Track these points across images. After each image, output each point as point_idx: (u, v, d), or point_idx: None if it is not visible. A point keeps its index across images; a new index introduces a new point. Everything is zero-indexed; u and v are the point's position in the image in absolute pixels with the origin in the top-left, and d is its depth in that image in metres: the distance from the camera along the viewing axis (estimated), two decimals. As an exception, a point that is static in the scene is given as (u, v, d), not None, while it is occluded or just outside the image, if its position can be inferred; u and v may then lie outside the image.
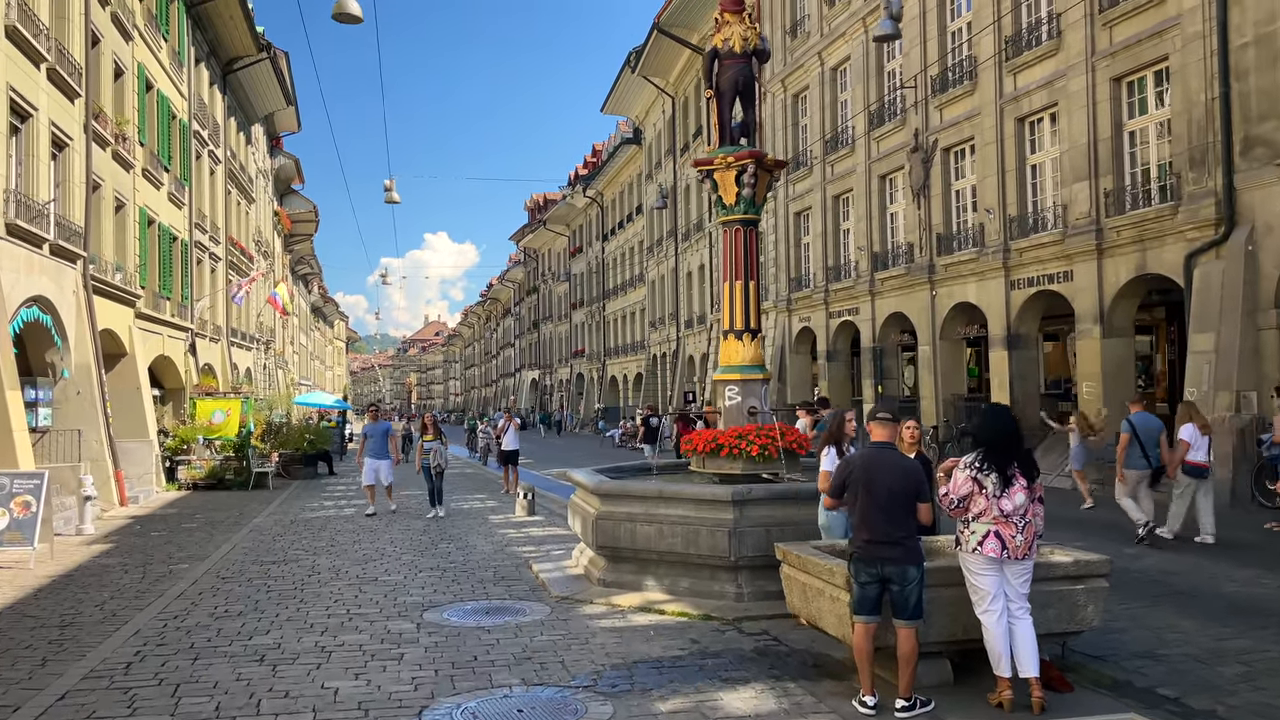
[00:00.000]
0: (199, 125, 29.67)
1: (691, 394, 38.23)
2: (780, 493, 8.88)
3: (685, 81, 38.96)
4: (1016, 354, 18.90)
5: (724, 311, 10.67)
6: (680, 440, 27.71)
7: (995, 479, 5.72)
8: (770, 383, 10.78)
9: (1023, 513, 5.64)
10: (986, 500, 5.70)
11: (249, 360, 39.06)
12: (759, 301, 10.68)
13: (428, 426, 17.03)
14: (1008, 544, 5.61)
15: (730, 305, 10.53)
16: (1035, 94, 18.21)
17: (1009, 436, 5.88)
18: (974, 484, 5.75)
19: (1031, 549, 5.68)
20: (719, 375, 10.61)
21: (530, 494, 16.34)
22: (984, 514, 5.69)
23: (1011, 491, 5.67)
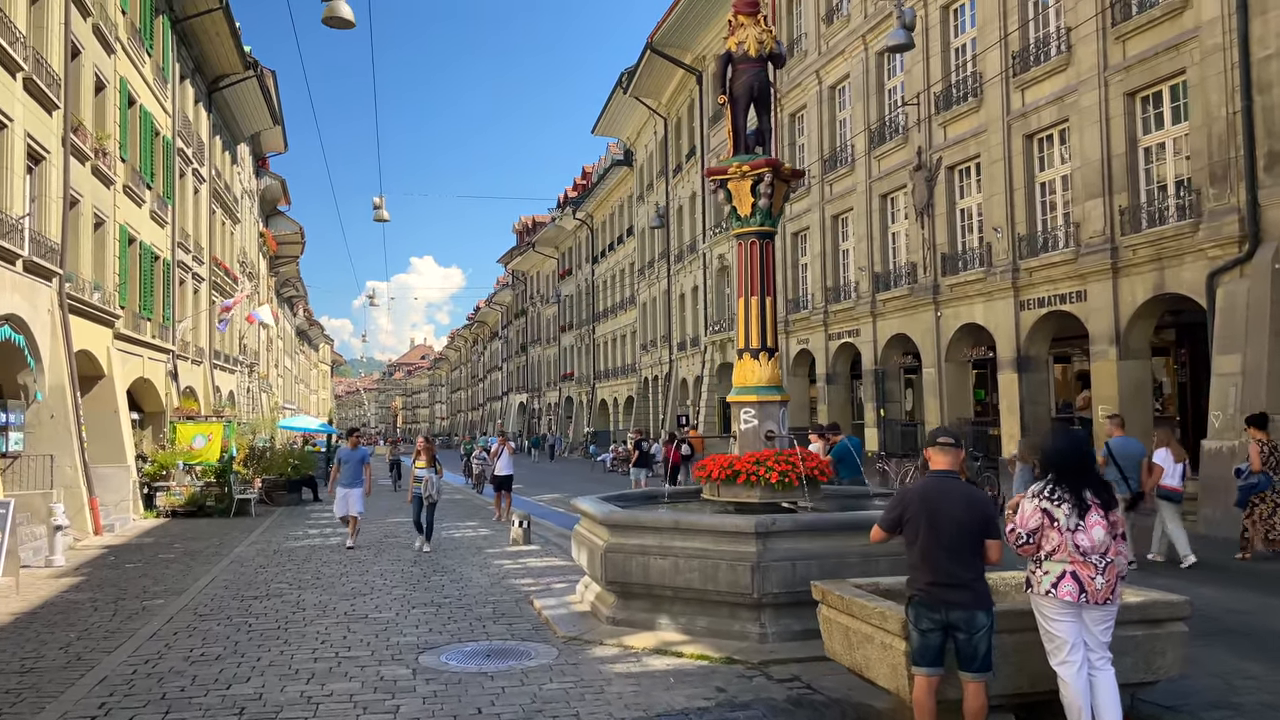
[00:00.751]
0: (183, 143, 29.01)
1: (685, 417, 37.60)
2: (808, 524, 8.23)
3: (678, 102, 38.60)
4: (1027, 376, 18.36)
5: (739, 329, 10.06)
6: (671, 464, 27.69)
7: (1068, 509, 5.10)
8: (789, 405, 10.15)
9: (1103, 551, 5.00)
10: (1060, 535, 5.07)
11: (232, 383, 38.21)
12: (776, 318, 10.08)
13: (421, 453, 15.22)
14: (1086, 586, 4.97)
15: (745, 322, 9.93)
16: (1044, 110, 17.78)
17: (1081, 460, 5.26)
18: (1044, 516, 5.12)
19: (1114, 592, 5.03)
20: (734, 397, 9.99)
21: (525, 522, 15.62)
22: (1058, 551, 5.06)
23: (1088, 524, 5.05)
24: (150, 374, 24.92)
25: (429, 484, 14.53)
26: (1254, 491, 10.99)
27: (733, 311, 33.19)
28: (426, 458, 14.95)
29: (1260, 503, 10.99)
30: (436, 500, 14.70)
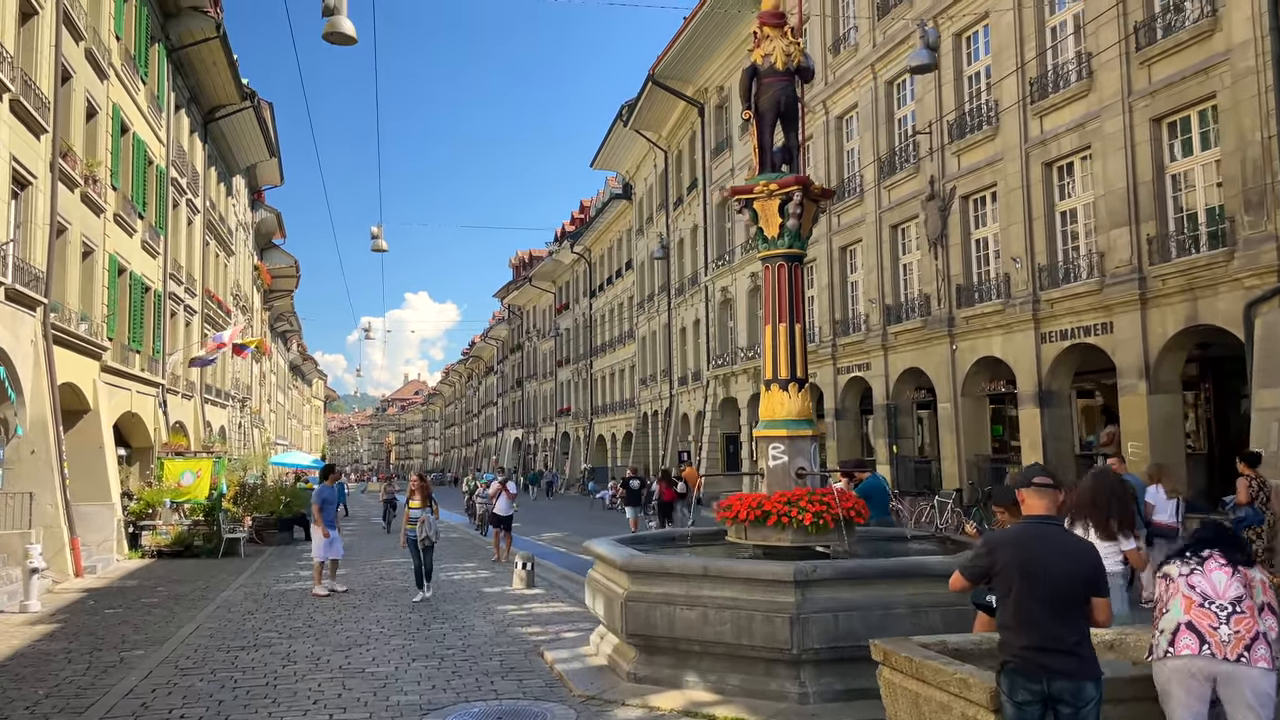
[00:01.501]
0: (177, 173, 28.46)
1: (686, 453, 36.83)
2: (851, 571, 7.51)
3: (679, 135, 38.25)
4: (1049, 411, 17.69)
5: (765, 358, 9.38)
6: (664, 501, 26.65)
7: (1182, 560, 4.45)
8: (818, 440, 9.45)
9: (1236, 599, 4.30)
10: (1172, 582, 4.42)
11: (223, 418, 37.39)
12: (805, 347, 9.41)
13: (415, 492, 13.84)
14: (1208, 638, 4.26)
15: (773, 351, 9.26)
16: (1065, 137, 17.28)
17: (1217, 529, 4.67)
18: (1163, 580, 4.49)
19: (1256, 652, 4.26)
20: (761, 431, 9.29)
21: (529, 564, 14.84)
22: (1171, 599, 4.39)
23: (1207, 569, 4.38)
24: (139, 408, 24.15)
25: (425, 525, 13.31)
26: (1243, 526, 10.84)
27: (736, 345, 32.91)
28: (421, 496, 13.67)
29: (1256, 539, 10.84)
30: (434, 541, 13.46)
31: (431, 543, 13.40)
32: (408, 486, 14.51)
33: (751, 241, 8.72)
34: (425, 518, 13.36)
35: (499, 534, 18.70)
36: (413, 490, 13.97)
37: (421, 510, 13.49)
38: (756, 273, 29.39)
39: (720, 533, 10.17)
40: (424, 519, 13.35)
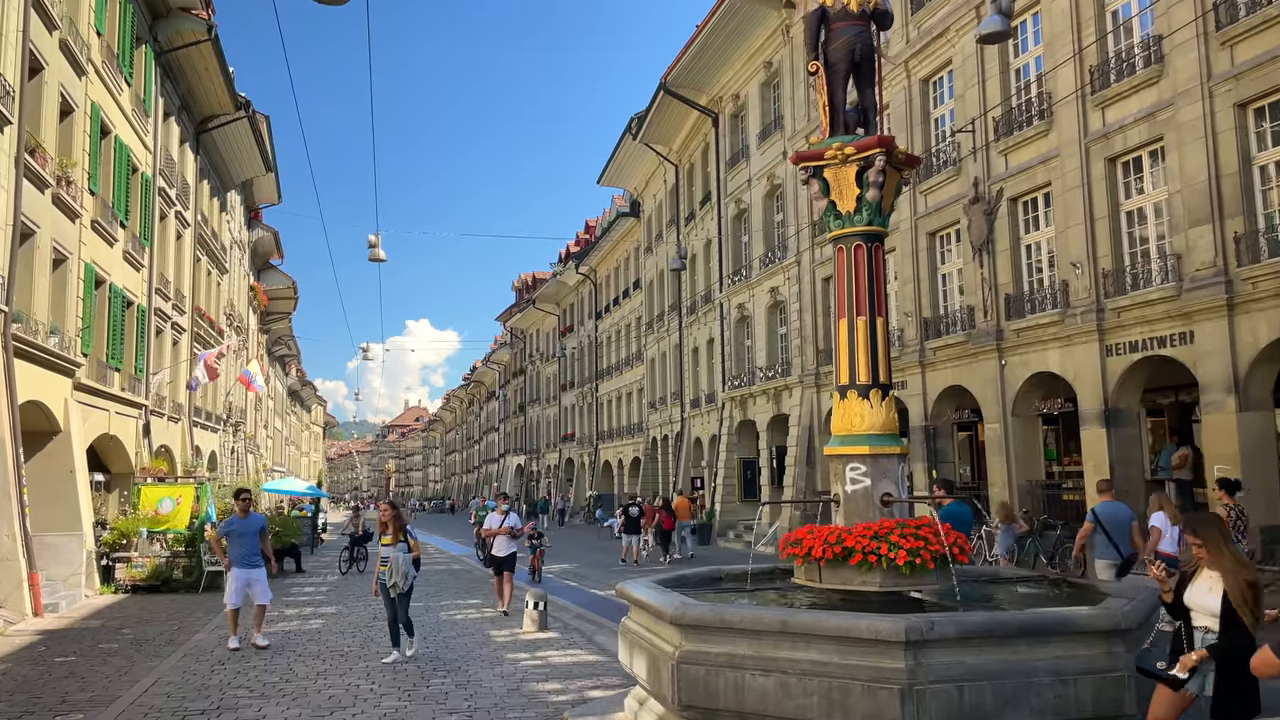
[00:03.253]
0: (165, 183, 26.95)
1: (699, 480, 35.09)
2: (982, 627, 5.79)
3: (691, 148, 36.78)
4: (1116, 431, 15.97)
5: (838, 360, 7.72)
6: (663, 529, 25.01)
7: None
8: (906, 459, 7.77)
9: None
10: None
11: (214, 443, 35.67)
12: (889, 346, 7.75)
13: (387, 525, 11.06)
14: None
15: (849, 352, 7.60)
16: (1131, 129, 15.69)
17: None
18: None
19: None
20: (834, 449, 7.61)
21: (541, 603, 13.10)
22: None
23: None
24: (118, 430, 22.46)
25: (395, 567, 10.57)
26: None
27: (754, 365, 31.16)
28: (393, 530, 10.90)
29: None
30: (406, 587, 10.72)
31: (403, 589, 10.67)
32: (380, 516, 11.66)
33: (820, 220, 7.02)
34: (397, 557, 10.65)
35: (500, 579, 14.99)
36: (383, 523, 11.18)
37: (394, 548, 10.75)
38: (777, 287, 27.81)
39: (782, 572, 8.46)
40: (395, 559, 10.64)
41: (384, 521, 11.14)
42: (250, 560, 11.62)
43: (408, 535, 10.93)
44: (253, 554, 11.67)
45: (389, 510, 11.27)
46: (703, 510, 33.37)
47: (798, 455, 25.88)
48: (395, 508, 11.42)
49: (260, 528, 11.90)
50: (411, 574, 10.77)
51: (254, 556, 11.68)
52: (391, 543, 10.83)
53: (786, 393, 27.33)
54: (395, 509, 11.34)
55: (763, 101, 29.78)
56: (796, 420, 26.30)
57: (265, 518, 12.69)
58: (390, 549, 10.77)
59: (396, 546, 10.75)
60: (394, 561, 10.62)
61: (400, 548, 10.74)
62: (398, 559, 10.64)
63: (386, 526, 11.04)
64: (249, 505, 12.03)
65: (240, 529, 11.74)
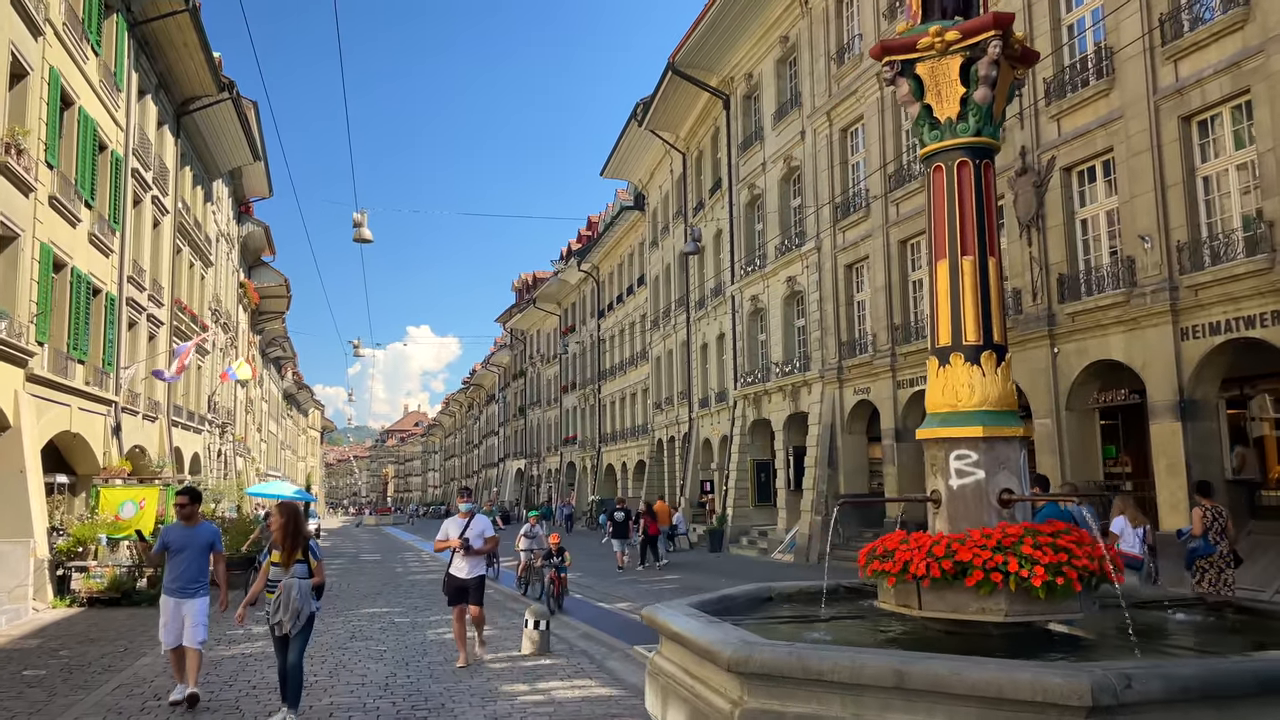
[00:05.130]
0: (140, 164, 25.14)
1: (709, 483, 33.23)
2: (1207, 681, 3.94)
3: (699, 134, 34.98)
4: (1193, 426, 14.12)
5: (939, 315, 5.88)
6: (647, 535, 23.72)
7: None
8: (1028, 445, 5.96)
9: None
10: None
11: (198, 444, 33.83)
12: (1003, 296, 5.92)
13: (282, 539, 7.76)
14: None
15: (953, 303, 5.77)
16: (1210, 82, 13.88)
17: None
18: None
19: None
20: (929, 431, 5.78)
21: (543, 623, 11.26)
22: None
23: None
24: (82, 428, 20.63)
25: (285, 599, 7.48)
26: (1195, 557, 10.61)
27: (769, 360, 29.20)
28: (285, 546, 7.68)
29: (1208, 568, 10.51)
30: (295, 629, 7.52)
31: (289, 630, 7.49)
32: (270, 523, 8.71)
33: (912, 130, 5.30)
34: (290, 585, 7.53)
35: (458, 619, 10.59)
36: (276, 539, 7.82)
37: (285, 570, 7.63)
38: (794, 276, 26.00)
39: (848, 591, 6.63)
40: (287, 587, 7.52)
41: (280, 536, 7.74)
42: (188, 586, 8.35)
43: (309, 554, 7.70)
44: (194, 578, 8.39)
45: (279, 517, 7.82)
46: (712, 515, 31.55)
47: (818, 456, 24.02)
48: (290, 514, 7.88)
49: (210, 542, 8.61)
50: (309, 609, 7.60)
51: (194, 582, 8.39)
52: (283, 563, 7.63)
53: (805, 389, 25.48)
54: (290, 516, 7.84)
55: (778, 79, 27.99)
56: (817, 418, 24.45)
57: (218, 529, 9.11)
58: (281, 571, 7.64)
59: (291, 569, 7.58)
60: (285, 591, 7.48)
61: (297, 571, 7.58)
62: (291, 588, 7.49)
63: (282, 541, 7.71)
64: (196, 510, 8.57)
65: (180, 542, 8.42)
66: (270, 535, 8.04)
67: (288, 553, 7.65)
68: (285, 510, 7.96)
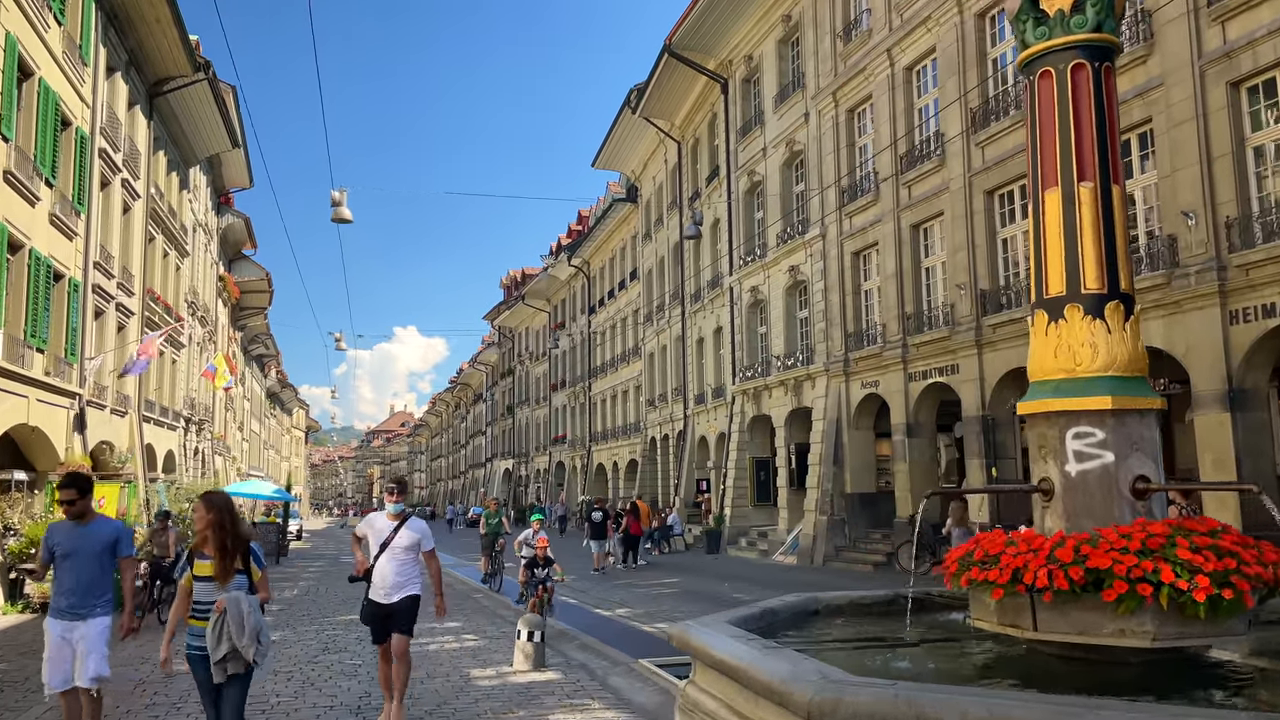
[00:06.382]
0: (109, 145, 23.79)
1: (705, 482, 32.05)
2: None
3: (695, 121, 33.80)
4: (1243, 417, 13.02)
5: (1046, 256, 4.70)
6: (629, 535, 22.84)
7: None
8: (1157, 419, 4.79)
9: None
10: None
11: (172, 442, 32.45)
12: (1126, 233, 4.74)
13: (203, 544, 5.55)
14: None
15: (1068, 240, 4.59)
16: (1262, 45, 12.72)
17: None
18: None
19: None
20: (1036, 403, 4.60)
21: (538, 634, 10.04)
22: None
23: None
24: (41, 421, 19.30)
25: (222, 626, 5.34)
26: None
27: (769, 353, 28.02)
28: (218, 554, 5.52)
29: None
30: (259, 658, 5.50)
31: (260, 657, 5.50)
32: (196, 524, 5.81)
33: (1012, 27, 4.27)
34: (234, 602, 5.40)
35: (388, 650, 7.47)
36: (200, 540, 5.62)
37: (223, 587, 5.48)
38: (797, 266, 24.85)
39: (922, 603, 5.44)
40: (229, 607, 5.38)
41: (202, 536, 5.56)
42: (81, 604, 6.10)
43: (250, 563, 5.62)
44: (87, 593, 6.10)
45: (206, 512, 5.55)
46: (709, 515, 30.39)
47: (823, 453, 22.86)
48: (221, 509, 5.60)
49: (110, 543, 6.16)
50: (262, 636, 5.50)
51: (89, 598, 6.10)
52: (217, 576, 5.48)
53: (809, 383, 24.32)
54: (221, 510, 5.58)
55: (780, 60, 26.85)
56: (821, 414, 23.28)
57: (124, 527, 6.51)
58: (213, 587, 5.48)
59: (228, 584, 5.47)
60: (226, 611, 5.35)
61: (236, 585, 5.49)
62: (238, 604, 5.38)
63: (205, 545, 5.55)
64: (88, 504, 6.22)
65: (68, 545, 6.12)
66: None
67: (222, 561, 5.46)
68: (214, 503, 5.61)
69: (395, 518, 7.50)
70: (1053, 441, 4.44)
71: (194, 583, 5.58)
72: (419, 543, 7.42)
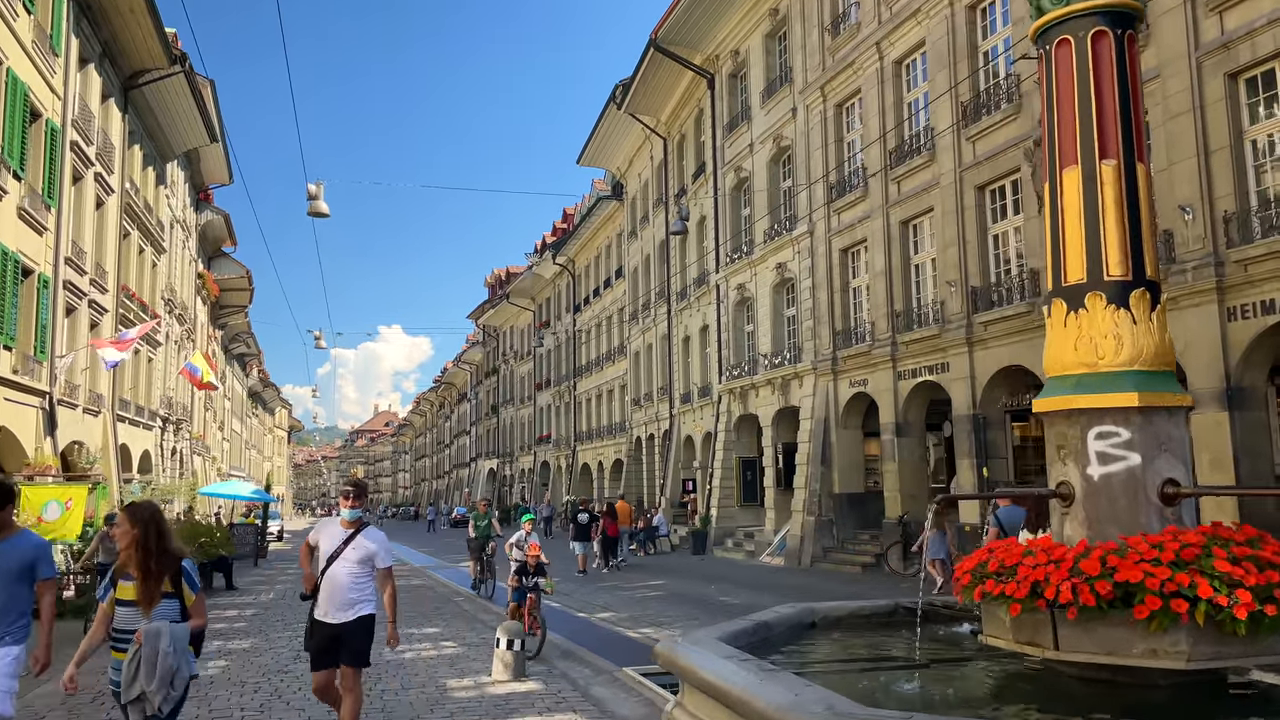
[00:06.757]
0: (81, 138, 23.23)
1: (691, 482, 31.68)
2: None
3: (682, 117, 33.43)
4: (1241, 416, 12.74)
5: (1064, 240, 4.34)
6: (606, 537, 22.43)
7: None
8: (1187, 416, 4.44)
9: None
10: None
11: (149, 441, 31.84)
12: (1154, 214, 4.39)
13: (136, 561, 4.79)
14: None
15: (1090, 222, 4.23)
16: (1262, 35, 12.47)
17: None
18: None
19: None
20: (1055, 400, 4.24)
21: (518, 642, 9.63)
22: None
23: None
24: (9, 420, 18.78)
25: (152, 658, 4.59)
26: None
27: (756, 351, 27.71)
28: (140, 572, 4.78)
29: None
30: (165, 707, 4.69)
31: (166, 706, 4.71)
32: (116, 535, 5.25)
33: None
34: (157, 632, 4.67)
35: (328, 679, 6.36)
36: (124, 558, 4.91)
37: (146, 614, 4.75)
38: (784, 263, 24.50)
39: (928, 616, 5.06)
40: (151, 635, 4.65)
41: (124, 546, 4.88)
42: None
43: (182, 584, 4.86)
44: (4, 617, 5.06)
45: (129, 526, 4.85)
46: (694, 516, 30.03)
47: (810, 453, 22.52)
48: (147, 521, 4.86)
49: (29, 563, 5.10)
50: (187, 670, 4.78)
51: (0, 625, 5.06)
52: (140, 601, 4.75)
53: (796, 382, 23.98)
54: (147, 524, 4.84)
55: (767, 55, 26.49)
56: (809, 413, 22.95)
57: (44, 543, 5.39)
58: (136, 614, 4.75)
59: (153, 611, 4.73)
60: (145, 643, 4.61)
61: (163, 612, 4.76)
62: (158, 638, 4.62)
63: (128, 562, 4.84)
64: (8, 516, 5.21)
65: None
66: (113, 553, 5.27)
67: (146, 584, 4.69)
68: (139, 515, 4.88)
69: (350, 525, 6.45)
70: (1073, 442, 4.07)
71: (116, 607, 4.82)
72: (375, 556, 6.34)
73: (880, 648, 4.76)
